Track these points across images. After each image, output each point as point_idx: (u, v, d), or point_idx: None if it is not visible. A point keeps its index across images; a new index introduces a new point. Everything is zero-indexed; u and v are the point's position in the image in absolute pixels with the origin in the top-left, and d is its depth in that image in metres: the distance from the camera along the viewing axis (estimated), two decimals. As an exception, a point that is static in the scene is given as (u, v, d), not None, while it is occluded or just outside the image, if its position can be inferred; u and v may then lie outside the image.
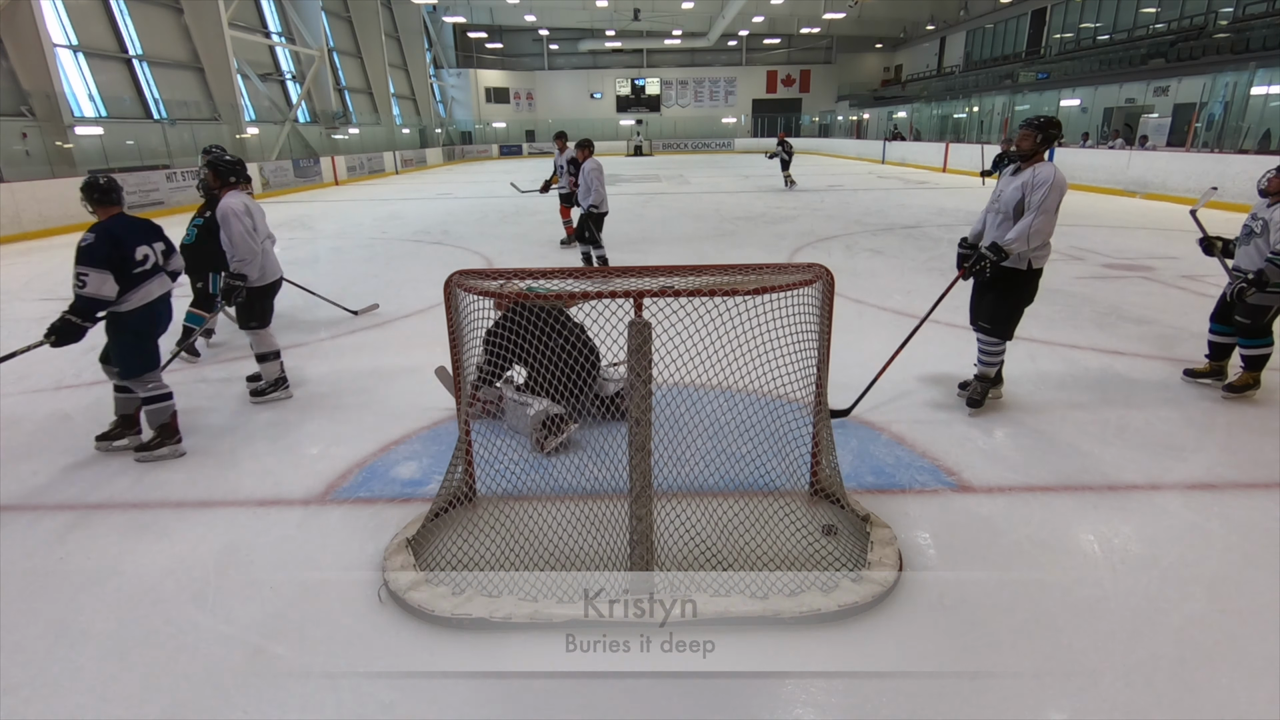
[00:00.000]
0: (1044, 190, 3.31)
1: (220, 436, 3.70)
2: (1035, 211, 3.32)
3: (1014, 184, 3.45)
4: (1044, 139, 3.39)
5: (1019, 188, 3.41)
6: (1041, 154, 3.45)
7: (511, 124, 40.33)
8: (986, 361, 3.72)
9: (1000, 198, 3.51)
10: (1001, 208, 3.49)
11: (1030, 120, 3.44)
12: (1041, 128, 3.39)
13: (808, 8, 34.51)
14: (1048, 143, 3.40)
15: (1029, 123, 3.43)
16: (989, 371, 3.72)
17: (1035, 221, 3.32)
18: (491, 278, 2.58)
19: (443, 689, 2.01)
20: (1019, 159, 3.49)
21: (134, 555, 2.66)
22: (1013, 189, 3.44)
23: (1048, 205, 3.32)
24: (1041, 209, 3.31)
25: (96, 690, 2.02)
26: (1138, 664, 2.04)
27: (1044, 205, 3.31)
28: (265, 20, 23.36)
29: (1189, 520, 2.78)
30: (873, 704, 1.93)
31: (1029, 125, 3.42)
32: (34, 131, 13.41)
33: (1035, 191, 3.33)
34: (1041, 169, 3.37)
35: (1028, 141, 3.41)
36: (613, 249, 9.47)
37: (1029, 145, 3.41)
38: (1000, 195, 3.52)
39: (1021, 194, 3.39)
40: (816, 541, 2.57)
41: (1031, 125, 3.41)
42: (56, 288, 7.50)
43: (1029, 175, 3.39)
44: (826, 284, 2.60)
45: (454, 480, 2.76)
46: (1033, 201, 3.33)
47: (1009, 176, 3.54)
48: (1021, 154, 3.44)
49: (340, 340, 5.46)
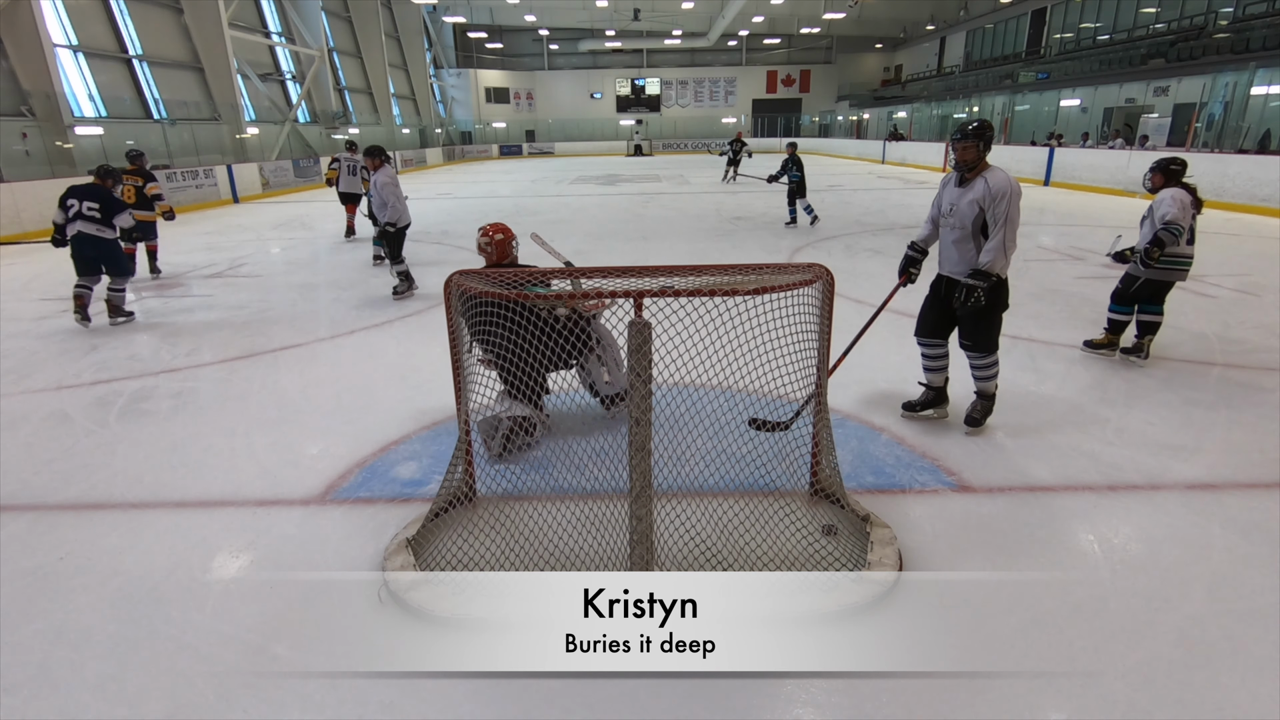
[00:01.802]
0: (1005, 202, 3.16)
1: (220, 436, 3.70)
2: (1003, 225, 3.18)
3: (966, 197, 3.27)
4: (985, 145, 3.24)
5: (974, 202, 3.23)
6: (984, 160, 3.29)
7: (511, 124, 40.34)
8: (984, 377, 3.53)
9: (954, 211, 3.32)
10: (957, 223, 3.31)
11: (967, 130, 3.25)
12: (981, 135, 3.23)
13: (808, 8, 34.52)
14: (988, 147, 3.26)
15: (968, 134, 3.23)
16: (988, 387, 3.55)
17: (1006, 236, 3.19)
18: (491, 278, 2.58)
19: (443, 689, 2.01)
20: (961, 172, 3.30)
21: (134, 555, 2.66)
22: (967, 203, 3.26)
23: (1013, 217, 3.19)
24: (1009, 222, 3.18)
25: (96, 690, 2.02)
26: (1138, 664, 2.04)
27: (1010, 218, 3.18)
28: (265, 20, 23.35)
29: (1189, 520, 2.78)
30: (873, 704, 1.93)
31: (969, 136, 3.23)
32: (34, 131, 13.41)
33: (997, 205, 3.17)
34: (994, 180, 3.21)
35: (971, 153, 3.23)
36: (613, 249, 9.49)
37: (974, 156, 3.24)
38: (953, 208, 3.32)
39: (979, 209, 3.23)
40: (816, 541, 2.57)
41: (971, 135, 3.23)
42: (56, 287, 7.49)
43: (982, 188, 3.22)
44: (826, 284, 2.60)
45: (454, 480, 2.76)
46: (997, 215, 3.18)
47: (954, 188, 3.34)
48: (967, 165, 3.26)
49: (340, 340, 5.46)
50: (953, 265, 3.41)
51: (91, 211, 5.72)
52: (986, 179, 3.23)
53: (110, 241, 5.85)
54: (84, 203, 5.71)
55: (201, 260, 9.07)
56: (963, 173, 3.31)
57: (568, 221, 12.25)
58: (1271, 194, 11.46)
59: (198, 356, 5.09)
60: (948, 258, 3.44)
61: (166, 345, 5.41)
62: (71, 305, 5.86)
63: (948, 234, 3.40)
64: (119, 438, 3.69)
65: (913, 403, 3.73)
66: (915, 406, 3.72)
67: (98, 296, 5.96)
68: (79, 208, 5.70)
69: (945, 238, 3.43)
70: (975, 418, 3.56)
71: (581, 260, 8.38)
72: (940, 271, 3.51)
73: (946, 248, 3.44)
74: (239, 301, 6.76)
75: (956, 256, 3.38)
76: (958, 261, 3.38)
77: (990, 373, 3.52)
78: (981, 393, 3.58)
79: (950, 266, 3.43)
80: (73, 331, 5.78)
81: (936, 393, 3.67)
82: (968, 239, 3.31)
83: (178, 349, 5.29)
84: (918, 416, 3.71)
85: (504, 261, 3.75)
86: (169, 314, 6.40)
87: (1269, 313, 5.66)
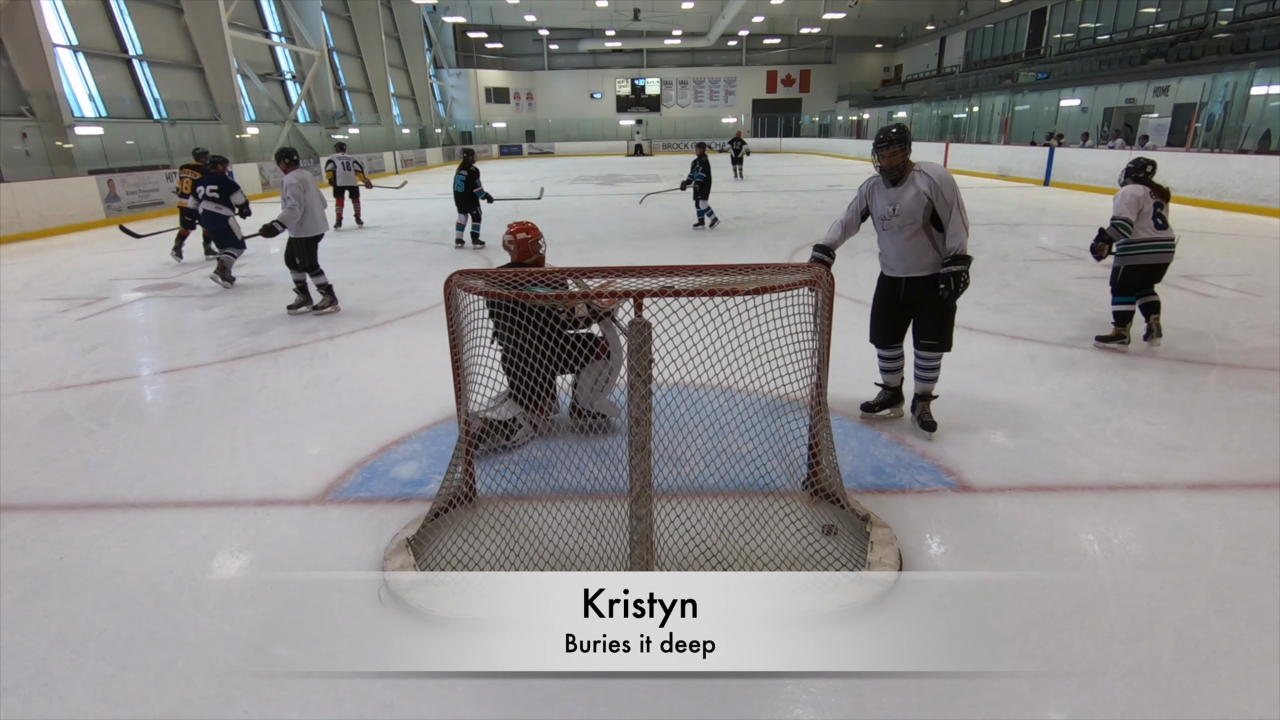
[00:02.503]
0: (951, 187, 3.21)
1: (220, 436, 3.70)
2: (957, 209, 3.21)
3: (908, 194, 3.25)
4: (908, 147, 3.27)
5: (920, 196, 3.23)
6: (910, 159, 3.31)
7: (511, 124, 40.35)
8: (930, 377, 3.52)
9: (898, 211, 3.28)
10: (906, 221, 3.27)
11: (888, 138, 3.24)
12: (903, 139, 3.25)
13: (808, 8, 34.54)
14: (910, 147, 3.28)
15: (891, 140, 3.24)
16: (931, 388, 3.55)
17: (963, 217, 3.23)
18: (491, 278, 2.58)
19: (443, 689, 2.01)
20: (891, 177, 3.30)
21: (134, 555, 2.66)
22: (911, 199, 3.24)
23: (960, 200, 3.24)
24: (960, 205, 3.22)
25: (96, 690, 2.02)
26: (1138, 664, 2.04)
27: (959, 201, 3.22)
28: (265, 20, 23.36)
29: (1189, 520, 2.78)
30: (873, 704, 1.93)
31: (892, 143, 3.23)
32: (34, 131, 13.41)
33: (945, 192, 3.20)
34: (934, 171, 3.24)
35: (899, 157, 3.25)
36: (614, 249, 9.48)
37: (901, 159, 3.25)
38: (896, 209, 3.29)
39: (927, 199, 3.22)
40: (816, 541, 2.57)
41: (893, 141, 3.23)
42: (57, 287, 7.50)
43: (925, 181, 3.22)
44: (826, 284, 2.60)
45: (454, 480, 2.76)
46: (950, 201, 3.20)
47: (886, 190, 3.33)
48: (896, 169, 3.26)
49: (340, 340, 5.46)
50: (913, 263, 3.35)
51: (213, 193, 7.09)
52: (925, 172, 3.24)
53: (224, 217, 7.19)
54: (206, 187, 7.12)
55: (201, 260, 9.07)
56: (891, 177, 3.30)
57: (568, 221, 12.24)
58: (1271, 194, 11.46)
59: (197, 356, 5.09)
60: (904, 259, 3.37)
61: (166, 345, 5.41)
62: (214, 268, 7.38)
63: (896, 235, 3.34)
64: (119, 438, 3.69)
65: (871, 404, 3.78)
66: (874, 407, 3.77)
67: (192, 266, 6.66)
68: (204, 191, 7.11)
69: (894, 240, 3.37)
70: (932, 421, 3.54)
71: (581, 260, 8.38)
72: (895, 275, 3.44)
73: (899, 249, 3.37)
74: (239, 301, 6.76)
75: (915, 254, 3.33)
76: (918, 258, 3.33)
77: (937, 374, 3.54)
78: (926, 394, 3.58)
79: (910, 266, 3.36)
80: (73, 331, 5.78)
81: (893, 392, 3.75)
82: (920, 234, 3.28)
83: (178, 349, 5.29)
84: (876, 417, 3.76)
85: (527, 260, 3.76)
86: (169, 314, 6.40)
87: (1269, 313, 5.66)
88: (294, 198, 5.78)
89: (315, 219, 5.99)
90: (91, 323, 6.06)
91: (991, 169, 19.56)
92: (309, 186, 5.90)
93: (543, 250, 3.83)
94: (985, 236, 9.74)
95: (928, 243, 3.30)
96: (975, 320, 5.54)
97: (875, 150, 3.29)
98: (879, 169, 3.34)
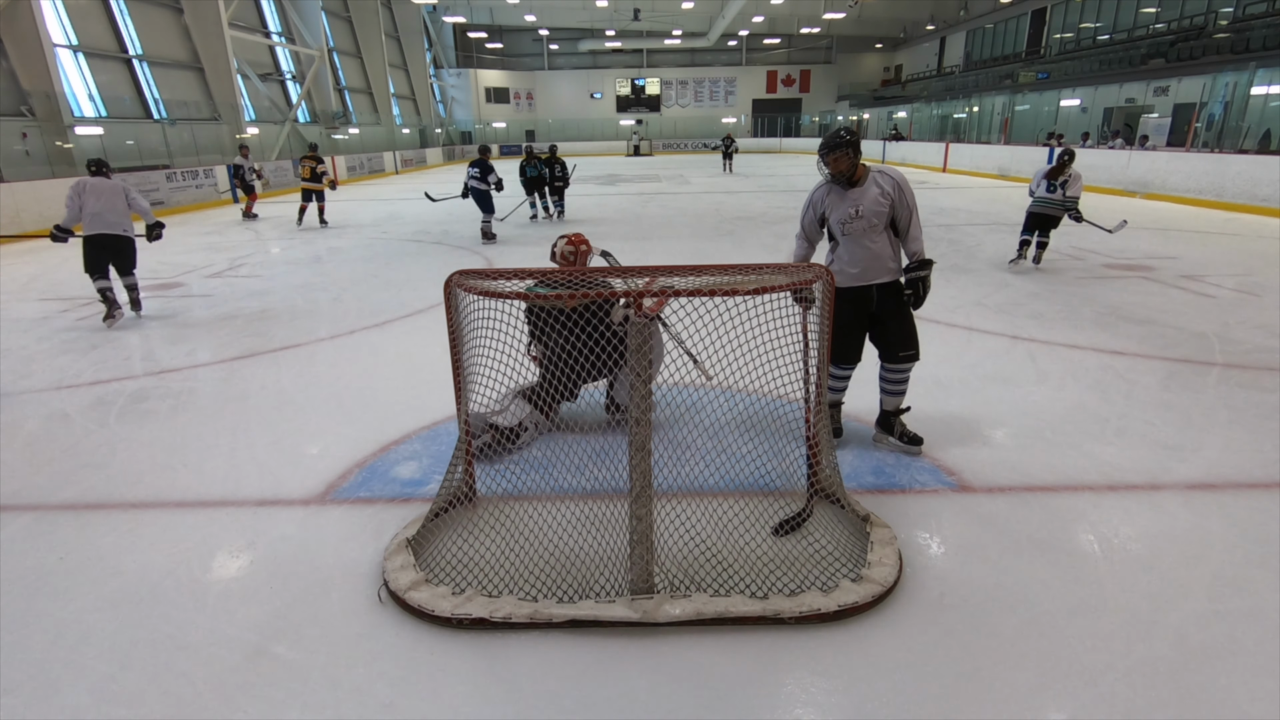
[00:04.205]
0: (910, 190, 3.20)
1: (220, 436, 3.70)
2: (914, 211, 3.20)
3: (868, 196, 3.16)
4: (856, 150, 3.15)
5: (879, 198, 3.15)
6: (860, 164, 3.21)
7: (511, 124, 40.35)
8: (903, 390, 3.37)
9: (860, 215, 3.16)
10: (869, 222, 3.17)
11: (838, 142, 3.13)
12: (852, 144, 3.14)
13: (808, 8, 34.53)
14: (859, 152, 3.18)
15: (840, 144, 3.12)
16: (901, 401, 3.40)
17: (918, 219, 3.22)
18: (491, 278, 2.58)
19: (443, 689, 2.01)
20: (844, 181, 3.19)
21: (134, 555, 2.66)
22: (871, 201, 3.15)
23: (916, 203, 3.23)
24: (916, 208, 3.22)
25: (96, 690, 2.02)
26: (1138, 664, 2.04)
27: (915, 204, 3.22)
28: (265, 20, 23.36)
29: (1189, 520, 2.78)
30: (873, 704, 1.93)
31: (839, 148, 3.12)
32: (34, 131, 13.41)
33: (906, 193, 3.18)
34: (893, 173, 3.20)
35: (845, 162, 3.13)
36: (613, 248, 9.47)
37: (848, 165, 3.14)
38: (859, 213, 3.16)
39: (888, 202, 3.15)
40: (817, 541, 2.57)
41: (841, 145, 3.12)
42: (57, 287, 7.50)
43: (886, 182, 3.17)
44: (827, 284, 2.60)
45: (454, 480, 2.76)
46: (909, 204, 3.18)
47: (843, 195, 3.21)
48: (846, 175, 3.16)
49: (340, 340, 5.46)
50: (881, 268, 3.23)
51: (475, 174, 10.21)
52: (885, 173, 3.20)
53: (485, 191, 10.23)
54: (470, 169, 10.26)
55: (201, 260, 9.07)
56: (844, 182, 3.20)
57: (567, 222, 12.24)
58: (1271, 194, 11.46)
59: (197, 356, 5.10)
60: (872, 264, 3.22)
61: (166, 345, 5.41)
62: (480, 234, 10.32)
63: (859, 240, 3.21)
64: (119, 438, 3.69)
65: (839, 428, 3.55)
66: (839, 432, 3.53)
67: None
68: (471, 172, 10.24)
69: (857, 244, 3.21)
70: (917, 435, 3.37)
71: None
72: (861, 284, 3.24)
73: (865, 254, 3.21)
74: (239, 301, 6.76)
75: (873, 260, 3.21)
76: (877, 265, 3.22)
77: (906, 385, 3.37)
78: (897, 410, 3.41)
79: (878, 272, 3.23)
80: (73, 331, 5.79)
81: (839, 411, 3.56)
82: (879, 238, 3.20)
83: (178, 349, 5.29)
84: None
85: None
86: (169, 314, 6.40)
87: (1269, 313, 5.66)
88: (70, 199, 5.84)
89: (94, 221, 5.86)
90: (91, 323, 6.06)
91: (991, 169, 19.57)
92: (84, 190, 5.87)
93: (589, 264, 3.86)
94: (985, 236, 9.74)
95: (889, 246, 3.22)
96: (975, 320, 5.54)
97: (822, 155, 3.17)
98: (828, 176, 3.22)
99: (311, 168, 12.00)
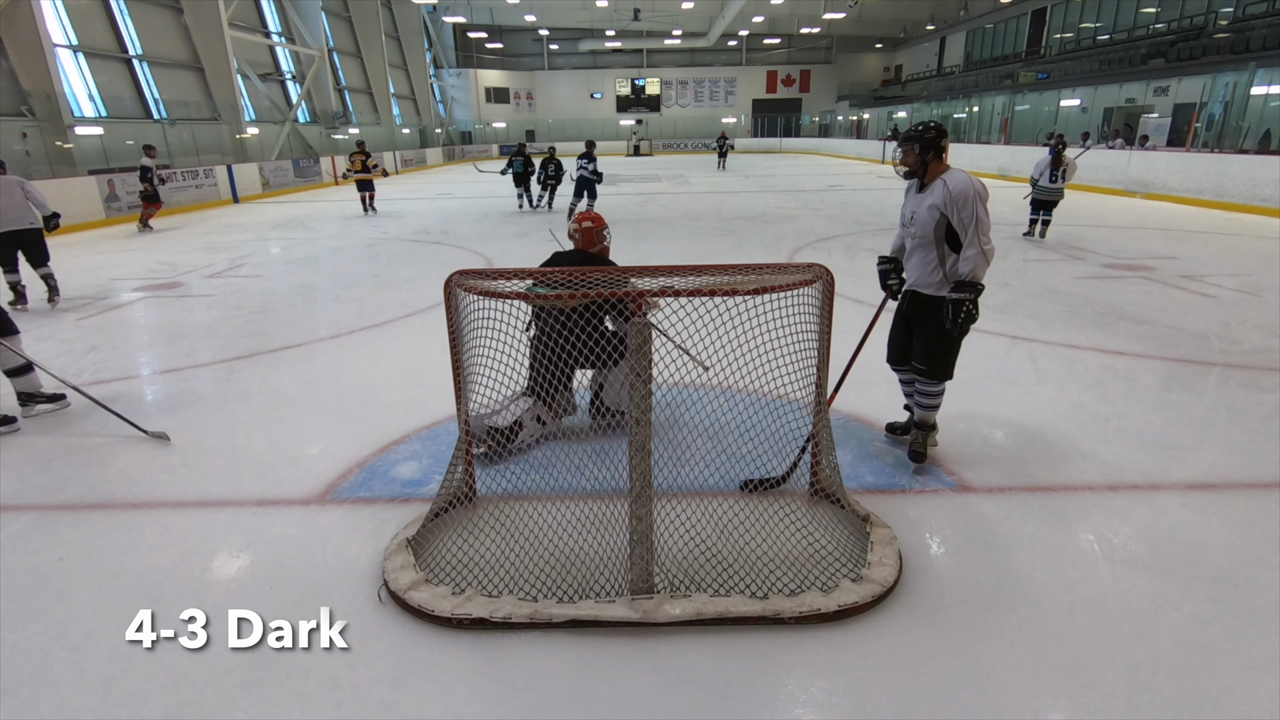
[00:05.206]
0: (970, 206, 2.85)
1: (220, 436, 3.70)
2: (975, 230, 2.86)
3: (925, 202, 2.97)
4: (924, 147, 2.98)
5: (933, 208, 2.93)
6: (941, 162, 3.02)
7: (511, 124, 40.31)
8: (926, 405, 3.18)
9: (914, 219, 3.04)
10: (918, 231, 3.01)
11: (905, 135, 3.03)
12: (919, 139, 2.99)
13: (808, 8, 34.51)
14: (931, 149, 2.99)
15: (906, 137, 3.02)
16: (930, 418, 3.20)
17: (982, 241, 2.87)
18: (491, 278, 2.58)
19: (443, 689, 2.01)
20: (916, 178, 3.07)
21: (134, 555, 2.66)
22: (926, 208, 2.96)
23: (982, 219, 2.87)
24: (979, 225, 2.86)
25: (96, 690, 2.02)
26: (1138, 664, 2.04)
27: (980, 220, 2.86)
28: (265, 20, 23.35)
29: (1189, 520, 2.78)
30: (873, 704, 1.93)
31: (906, 140, 3.01)
32: (34, 131, 13.41)
33: (962, 208, 2.86)
34: (954, 181, 2.89)
35: (911, 158, 3.02)
36: (613, 249, 9.46)
37: (913, 160, 3.02)
38: (914, 216, 3.04)
39: (940, 214, 2.92)
40: (817, 541, 2.57)
41: (907, 139, 3.01)
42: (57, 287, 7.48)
43: (940, 192, 2.91)
44: (827, 284, 2.60)
45: (454, 480, 2.76)
46: (965, 220, 2.87)
47: (914, 194, 3.09)
48: (911, 170, 3.04)
49: (340, 340, 5.46)
50: (915, 278, 3.12)
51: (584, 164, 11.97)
52: (945, 181, 2.93)
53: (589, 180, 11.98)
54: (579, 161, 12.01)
55: (201, 260, 9.07)
56: (919, 177, 3.06)
57: (567, 222, 12.23)
58: (1271, 194, 11.46)
59: (197, 356, 5.09)
60: (917, 273, 3.11)
61: (166, 345, 5.41)
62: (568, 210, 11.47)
63: (910, 244, 3.12)
64: (119, 438, 3.69)
65: (897, 425, 3.53)
66: (898, 429, 3.51)
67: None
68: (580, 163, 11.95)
69: (914, 249, 3.11)
70: (920, 451, 3.19)
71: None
72: (909, 289, 3.19)
73: (915, 262, 3.11)
74: (239, 301, 6.76)
75: (919, 268, 3.08)
76: (921, 274, 3.08)
77: (937, 401, 3.19)
78: (923, 423, 3.22)
79: (914, 279, 3.14)
80: (73, 331, 5.79)
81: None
82: (929, 247, 3.01)
83: (178, 349, 5.29)
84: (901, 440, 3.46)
85: (591, 249, 3.79)
86: (169, 314, 6.40)
87: (1269, 313, 5.66)
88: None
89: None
90: (91, 323, 6.06)
91: (992, 169, 19.56)
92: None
93: (607, 241, 3.85)
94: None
95: (935, 260, 3.01)
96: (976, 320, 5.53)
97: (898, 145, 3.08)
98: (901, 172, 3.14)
99: (362, 161, 13.24)
